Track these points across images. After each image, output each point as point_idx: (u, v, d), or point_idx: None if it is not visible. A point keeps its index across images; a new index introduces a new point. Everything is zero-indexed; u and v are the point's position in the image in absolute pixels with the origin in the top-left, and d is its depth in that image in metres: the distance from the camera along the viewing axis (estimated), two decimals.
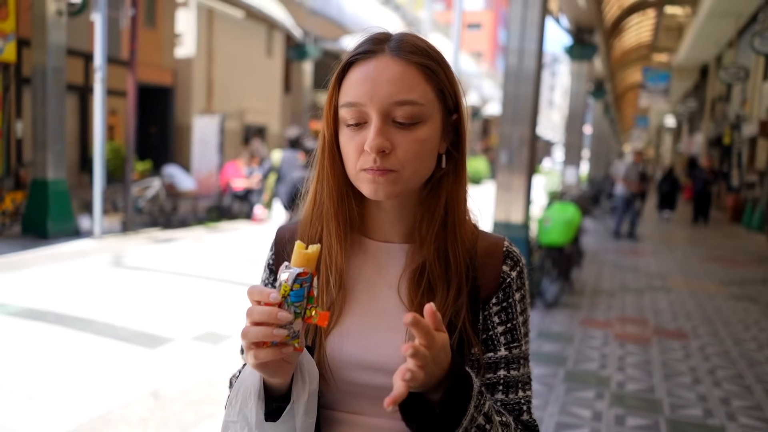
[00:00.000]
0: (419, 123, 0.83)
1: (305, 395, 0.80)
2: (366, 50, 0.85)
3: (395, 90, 0.82)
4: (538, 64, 6.01)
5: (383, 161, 0.82)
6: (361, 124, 0.83)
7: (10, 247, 7.59)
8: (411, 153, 0.83)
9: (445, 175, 0.90)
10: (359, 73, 0.84)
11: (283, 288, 0.71)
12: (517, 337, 0.91)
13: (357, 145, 0.83)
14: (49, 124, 8.42)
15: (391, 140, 0.82)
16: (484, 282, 0.91)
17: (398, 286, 0.89)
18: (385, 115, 0.82)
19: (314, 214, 0.93)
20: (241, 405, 0.80)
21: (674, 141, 34.38)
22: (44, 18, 8.21)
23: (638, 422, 3.45)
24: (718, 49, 18.70)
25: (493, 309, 0.91)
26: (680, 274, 8.25)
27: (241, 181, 11.71)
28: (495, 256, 0.92)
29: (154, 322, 4.91)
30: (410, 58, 0.84)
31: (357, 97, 0.83)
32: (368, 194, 0.85)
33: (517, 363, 0.91)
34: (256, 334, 0.71)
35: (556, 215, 6.14)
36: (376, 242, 0.93)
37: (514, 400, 0.90)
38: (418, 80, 0.83)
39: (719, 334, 5.38)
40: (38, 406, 3.31)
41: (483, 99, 31.85)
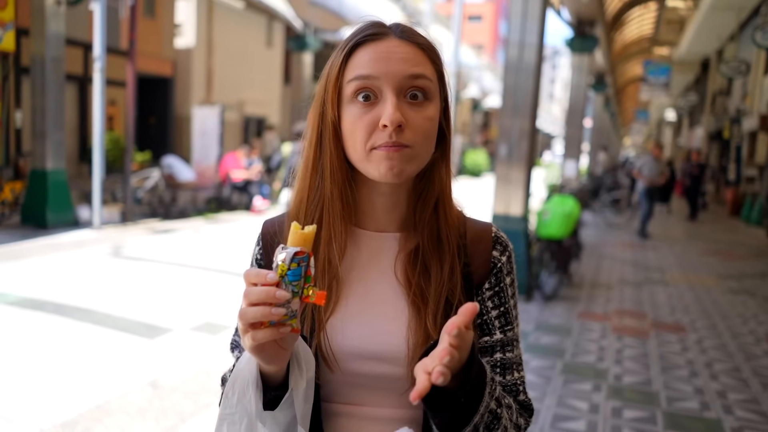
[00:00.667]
0: (427, 101, 0.85)
1: (303, 383, 0.80)
2: (373, 32, 0.86)
3: (408, 65, 0.84)
4: (538, 57, 5.99)
5: (399, 136, 0.82)
6: (371, 100, 0.84)
7: (9, 237, 7.59)
8: (423, 130, 0.84)
9: (436, 161, 0.91)
10: (369, 52, 0.85)
11: (281, 267, 0.71)
12: (510, 320, 0.93)
13: (368, 121, 0.83)
14: (48, 114, 8.39)
15: (405, 116, 0.83)
16: (475, 267, 0.93)
17: (395, 269, 0.90)
18: (399, 90, 0.83)
19: (310, 200, 0.91)
20: (239, 396, 0.80)
21: (674, 135, 34.34)
22: (43, 7, 8.17)
23: (635, 414, 3.47)
24: (720, 43, 18.65)
25: (486, 294, 0.93)
26: (679, 268, 8.26)
27: (240, 172, 11.69)
28: (485, 242, 0.94)
29: (152, 312, 4.92)
30: (417, 40, 0.87)
31: (371, 70, 0.83)
32: (379, 175, 0.84)
33: (511, 345, 0.93)
34: (254, 314, 0.70)
35: (555, 208, 6.14)
36: (368, 232, 0.93)
37: (511, 381, 0.92)
38: (425, 60, 0.86)
39: (717, 327, 5.40)
40: (37, 396, 3.32)
41: (483, 91, 31.77)
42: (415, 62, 0.84)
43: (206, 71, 16.92)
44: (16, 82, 11.03)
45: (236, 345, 0.98)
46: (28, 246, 7.19)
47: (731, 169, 17.05)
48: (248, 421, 0.80)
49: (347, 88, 0.85)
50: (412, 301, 0.88)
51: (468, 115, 33.12)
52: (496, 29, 56.00)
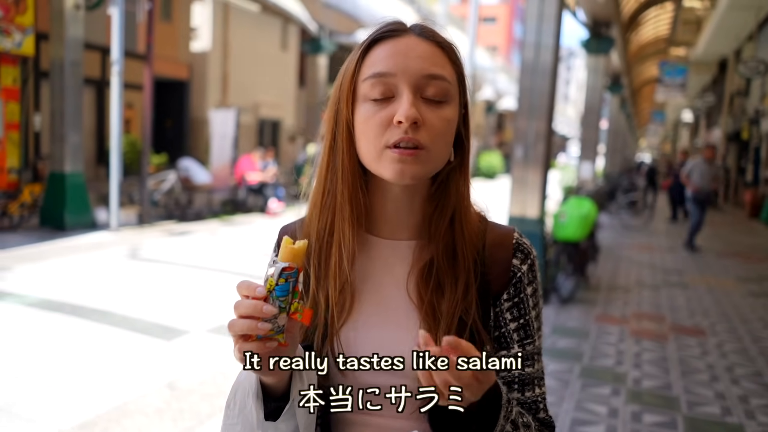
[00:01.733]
0: (446, 102, 0.82)
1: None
2: (392, 29, 0.84)
3: (427, 64, 0.81)
4: (554, 59, 5.95)
5: (414, 133, 0.79)
6: (387, 98, 0.81)
7: (28, 238, 7.68)
8: (439, 130, 0.81)
9: (453, 170, 0.88)
10: (387, 49, 0.83)
11: (269, 282, 0.71)
12: (530, 333, 0.89)
13: (382, 119, 0.80)
14: (67, 117, 8.49)
15: (421, 114, 0.80)
16: (493, 277, 0.88)
17: (407, 285, 0.87)
18: (416, 88, 0.81)
19: (324, 203, 0.88)
20: (240, 407, 0.79)
21: (691, 136, 33.99)
22: (62, 12, 8.27)
23: (655, 419, 3.42)
24: (738, 43, 18.43)
25: (504, 305, 0.88)
26: (697, 270, 8.16)
27: (255, 174, 11.74)
28: (505, 249, 0.90)
29: (169, 314, 4.94)
30: (436, 39, 0.84)
31: (387, 68, 0.81)
32: (392, 175, 0.81)
33: (531, 359, 0.89)
34: (242, 326, 0.71)
35: (571, 210, 6.09)
36: (381, 239, 0.90)
37: (531, 398, 0.88)
38: (445, 61, 0.84)
39: (737, 331, 5.32)
40: (56, 397, 3.35)
41: (498, 93, 31.68)
42: (434, 62, 0.82)
43: (222, 74, 17.02)
44: (35, 86, 11.19)
45: None
46: (47, 248, 7.27)
47: (750, 171, 16.84)
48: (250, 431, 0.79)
49: (363, 86, 0.82)
50: (423, 318, 0.84)
51: (482, 117, 33.02)
52: (511, 31, 55.82)
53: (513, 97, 27.24)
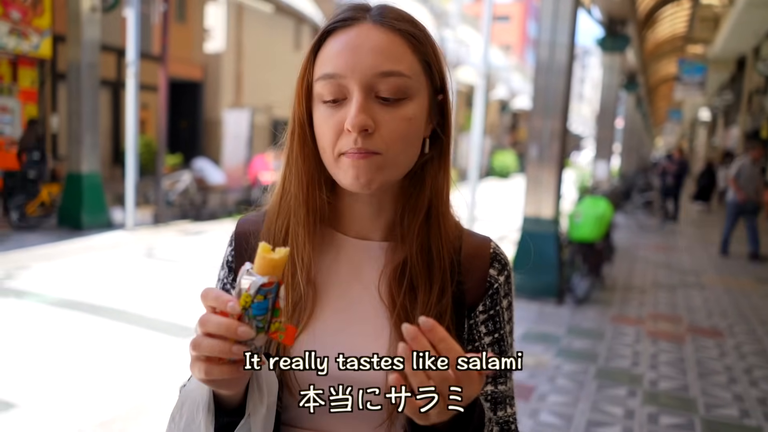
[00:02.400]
0: (405, 99, 0.74)
1: (263, 408, 0.71)
2: (346, 17, 0.76)
3: (380, 60, 0.73)
4: (569, 57, 5.92)
5: (365, 142, 0.72)
6: (339, 101, 0.74)
7: (46, 238, 7.76)
8: (397, 133, 0.74)
9: (428, 162, 0.81)
10: (338, 43, 0.75)
11: (244, 298, 0.60)
12: (504, 348, 0.83)
13: (335, 124, 0.74)
14: (84, 118, 8.58)
15: (374, 118, 0.73)
16: (469, 287, 0.82)
17: (378, 286, 0.80)
18: (368, 88, 0.73)
19: (282, 204, 0.83)
20: (187, 420, 0.71)
21: (709, 135, 33.62)
22: (79, 14, 8.35)
23: (672, 421, 3.39)
24: (757, 40, 18.18)
25: (480, 317, 0.82)
26: (714, 271, 8.07)
27: (269, 174, 11.79)
28: (481, 259, 0.84)
29: (185, 313, 4.98)
30: (395, 25, 0.75)
31: (336, 68, 0.73)
32: (347, 184, 0.75)
33: (504, 377, 0.83)
34: (211, 347, 0.61)
35: (587, 210, 6.04)
36: (350, 239, 0.84)
37: (503, 418, 0.82)
38: (404, 50, 0.75)
39: (756, 332, 5.25)
40: (75, 396, 3.38)
41: (512, 92, 31.54)
42: (388, 55, 0.73)
43: (235, 75, 17.11)
44: (52, 87, 11.33)
45: None
46: (64, 247, 7.35)
47: (720, 177, 16.66)
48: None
49: (316, 86, 0.76)
50: (395, 323, 0.77)
51: (496, 117, 32.90)
52: (525, 29, 55.56)
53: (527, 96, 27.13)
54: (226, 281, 0.89)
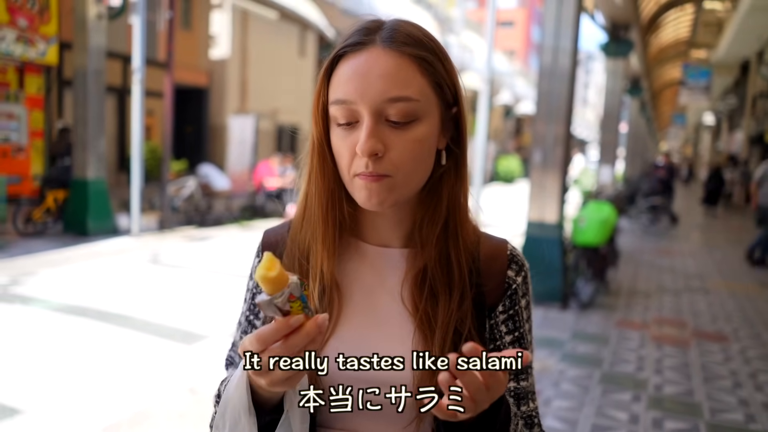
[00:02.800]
0: (415, 121, 0.77)
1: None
2: (356, 42, 0.78)
3: (388, 86, 0.75)
4: (573, 62, 5.94)
5: (376, 165, 0.76)
6: (352, 123, 0.77)
7: (52, 244, 7.81)
8: (407, 155, 0.77)
9: (445, 173, 0.84)
10: (348, 68, 0.77)
11: (296, 305, 0.66)
12: (524, 345, 0.87)
13: (349, 146, 0.77)
14: (90, 125, 8.63)
15: (384, 141, 0.76)
16: (488, 288, 0.86)
17: (401, 293, 0.84)
18: (378, 113, 0.75)
19: (305, 217, 0.87)
20: (231, 426, 0.75)
21: (713, 139, 33.54)
22: (85, 21, 8.42)
23: (677, 426, 3.39)
24: (760, 45, 18.16)
25: (500, 317, 0.86)
26: (719, 275, 8.05)
27: (274, 180, 11.83)
28: (499, 261, 0.87)
29: (190, 318, 5.00)
30: (404, 50, 0.77)
31: (347, 95, 0.76)
32: (361, 202, 0.79)
33: (525, 373, 0.87)
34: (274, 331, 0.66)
35: (591, 215, 6.05)
36: (373, 246, 0.87)
37: (526, 412, 0.86)
38: (413, 74, 0.77)
39: (761, 337, 5.24)
40: (80, 401, 3.40)
41: (516, 97, 31.55)
42: (397, 81, 0.75)
43: (241, 81, 17.18)
44: (58, 94, 11.40)
45: (231, 362, 0.95)
46: (70, 253, 7.39)
47: None
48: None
49: (330, 109, 0.79)
50: (418, 326, 0.81)
51: (500, 122, 32.91)
52: (528, 35, 55.60)
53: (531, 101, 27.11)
54: (256, 290, 0.92)
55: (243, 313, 0.94)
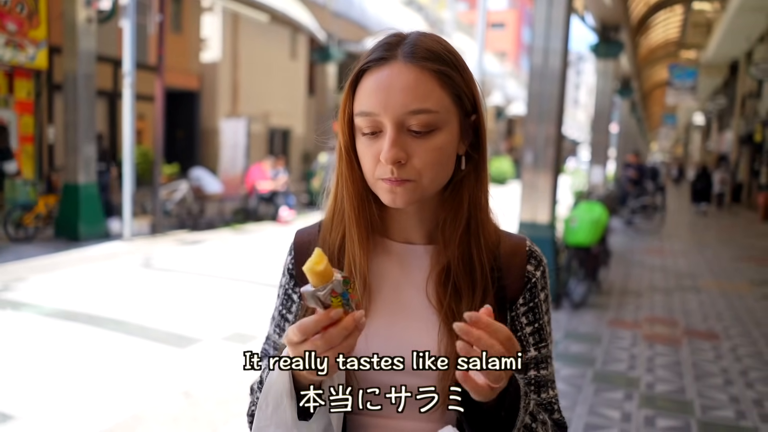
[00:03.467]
0: (435, 130, 0.82)
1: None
2: (378, 57, 0.83)
3: (409, 99, 0.80)
4: (563, 63, 5.97)
5: (400, 172, 0.81)
6: (376, 133, 0.83)
7: (43, 249, 7.77)
8: (428, 162, 0.82)
9: (465, 177, 0.89)
10: (372, 82, 0.83)
11: (337, 301, 0.71)
12: (544, 336, 0.92)
13: (373, 154, 0.83)
14: (80, 129, 8.60)
15: (406, 150, 0.81)
16: (509, 283, 0.91)
17: (426, 289, 0.89)
18: (400, 124, 0.81)
19: (335, 217, 0.92)
20: (273, 407, 0.79)
21: (703, 139, 33.76)
22: (75, 25, 8.39)
23: (669, 424, 3.41)
24: (749, 45, 18.32)
25: (520, 310, 0.91)
26: (710, 274, 8.11)
27: (266, 183, 11.81)
28: (519, 257, 0.92)
29: (183, 322, 4.99)
30: (424, 65, 0.82)
31: (371, 107, 0.82)
32: (387, 203, 0.85)
33: (545, 362, 0.92)
34: (349, 346, 0.73)
35: (582, 215, 6.08)
36: (398, 243, 0.93)
37: (546, 399, 0.91)
38: (432, 87, 0.82)
39: (751, 334, 5.28)
40: (73, 406, 3.39)
41: (507, 99, 31.67)
42: (417, 94, 0.80)
43: (232, 84, 17.15)
44: (48, 98, 11.34)
45: (265, 354, 0.99)
46: (62, 258, 7.35)
47: (764, 173, 16.74)
48: (285, 431, 0.80)
49: (356, 119, 0.85)
50: (443, 320, 0.86)
51: (492, 123, 33.00)
52: (519, 36, 55.80)
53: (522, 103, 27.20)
54: (288, 287, 0.98)
55: (276, 308, 0.99)
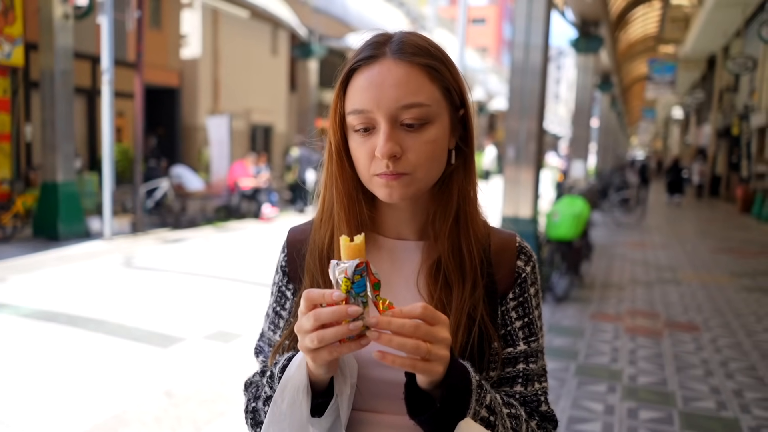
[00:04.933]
0: (427, 124, 0.83)
1: (347, 389, 0.82)
2: (368, 56, 0.84)
3: (401, 93, 0.82)
4: (544, 58, 5.99)
5: (395, 165, 0.82)
6: (369, 130, 0.84)
7: (21, 249, 7.65)
8: (422, 155, 0.83)
9: (455, 171, 0.90)
10: (363, 80, 0.84)
11: (345, 283, 0.72)
12: (534, 330, 0.93)
13: (368, 150, 0.84)
14: (58, 127, 8.47)
15: (401, 144, 0.82)
16: (499, 277, 0.92)
17: (417, 282, 0.90)
18: (393, 119, 0.82)
19: (324, 215, 0.93)
20: (289, 402, 0.80)
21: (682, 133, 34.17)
22: (51, 22, 8.25)
23: (651, 415, 3.45)
24: (726, 39, 18.57)
25: (510, 304, 0.92)
26: (690, 267, 8.21)
27: (249, 180, 11.74)
28: (509, 252, 0.94)
29: (165, 321, 4.94)
30: (413, 60, 0.83)
31: (363, 104, 0.83)
32: (383, 198, 0.86)
33: (535, 356, 0.93)
34: (335, 334, 0.71)
35: (564, 209, 6.12)
36: (390, 239, 0.94)
37: (532, 392, 0.92)
38: (422, 81, 0.83)
39: (731, 326, 5.36)
40: (53, 407, 3.34)
41: (489, 94, 31.76)
42: (409, 89, 0.82)
43: (213, 81, 17.00)
44: (25, 96, 11.15)
45: (260, 350, 0.99)
46: (41, 258, 7.25)
47: (743, 166, 16.99)
48: (299, 427, 0.80)
49: (348, 118, 0.86)
50: None
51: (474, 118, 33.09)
52: (500, 31, 55.99)
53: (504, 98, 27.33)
54: (281, 284, 0.99)
55: (270, 305, 1.00)
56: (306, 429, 0.81)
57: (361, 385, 0.86)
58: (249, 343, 4.47)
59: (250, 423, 0.92)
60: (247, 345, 4.44)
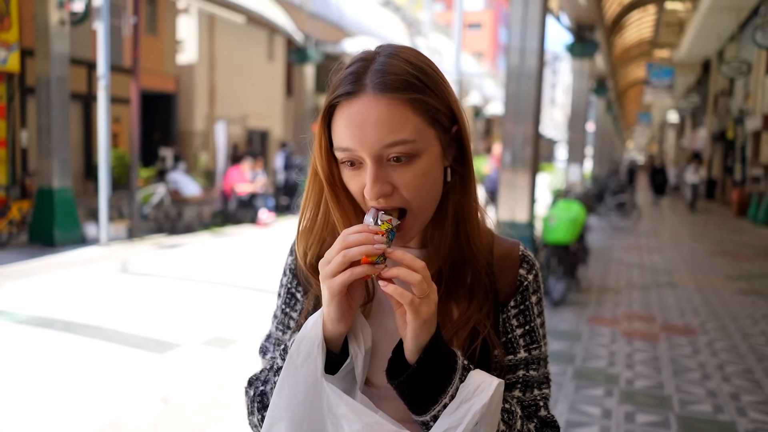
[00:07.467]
0: (416, 157, 0.80)
1: (361, 353, 0.82)
2: (347, 91, 0.80)
3: (384, 133, 0.78)
4: (539, 63, 6.02)
5: (388, 201, 0.81)
6: (356, 165, 0.82)
7: (17, 255, 7.63)
8: (414, 189, 0.81)
9: (452, 188, 0.88)
10: (344, 118, 0.80)
11: (386, 224, 0.78)
12: (535, 338, 0.93)
13: (359, 185, 0.83)
14: (54, 132, 8.46)
15: (390, 181, 0.80)
16: (502, 285, 0.92)
17: None
18: (378, 158, 0.79)
19: (324, 231, 0.92)
20: (304, 357, 0.80)
21: (677, 137, 34.29)
22: (47, 28, 8.25)
23: (648, 419, 3.45)
24: (720, 44, 18.66)
25: (511, 312, 0.92)
26: (686, 270, 8.23)
27: (245, 185, 11.73)
28: (511, 261, 0.94)
29: (162, 327, 4.93)
30: (394, 95, 0.79)
31: (347, 143, 0.80)
32: None
33: (536, 363, 0.92)
34: (359, 251, 0.75)
35: (560, 213, 6.13)
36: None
37: (530, 398, 0.92)
38: (406, 115, 0.79)
39: (727, 329, 5.37)
40: (50, 415, 3.33)
41: (485, 99, 31.83)
42: (392, 127, 0.78)
43: (209, 86, 17.02)
44: (21, 102, 11.16)
45: (267, 350, 0.99)
46: (37, 264, 7.22)
47: (738, 170, 17.06)
48: (314, 380, 0.80)
49: (335, 152, 0.83)
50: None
51: (470, 123, 33.06)
52: (496, 36, 56.18)
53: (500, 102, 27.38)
54: (291, 286, 0.99)
55: (279, 306, 1.00)
56: (320, 384, 0.80)
57: (366, 389, 0.86)
58: (246, 348, 4.46)
59: (257, 408, 0.89)
60: (244, 351, 4.43)
